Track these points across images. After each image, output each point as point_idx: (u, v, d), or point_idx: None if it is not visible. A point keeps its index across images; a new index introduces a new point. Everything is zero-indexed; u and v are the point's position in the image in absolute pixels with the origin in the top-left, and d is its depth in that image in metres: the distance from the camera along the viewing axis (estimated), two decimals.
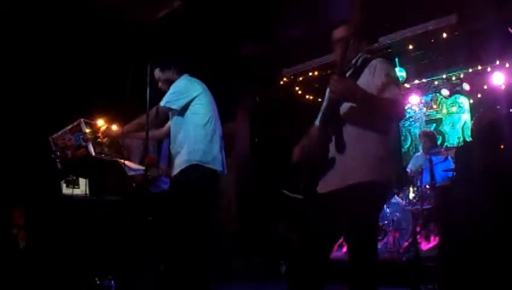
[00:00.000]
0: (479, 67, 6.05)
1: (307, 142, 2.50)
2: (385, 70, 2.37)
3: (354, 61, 2.51)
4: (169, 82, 3.48)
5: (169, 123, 3.53)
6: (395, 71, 2.47)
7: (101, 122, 3.71)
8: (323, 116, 2.49)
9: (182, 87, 3.38)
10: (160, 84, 3.54)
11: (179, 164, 3.31)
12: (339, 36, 2.49)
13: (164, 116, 3.44)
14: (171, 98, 3.33)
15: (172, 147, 3.42)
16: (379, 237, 5.05)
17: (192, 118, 3.34)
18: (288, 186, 2.51)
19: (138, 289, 3.86)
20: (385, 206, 5.34)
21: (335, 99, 2.34)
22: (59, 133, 3.71)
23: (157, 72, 3.53)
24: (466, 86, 6.23)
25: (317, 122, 2.70)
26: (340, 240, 5.28)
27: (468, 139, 6.28)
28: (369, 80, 2.36)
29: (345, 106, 2.37)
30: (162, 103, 3.35)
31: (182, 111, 3.35)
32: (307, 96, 7.31)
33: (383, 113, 2.32)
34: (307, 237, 2.45)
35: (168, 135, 3.58)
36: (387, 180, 2.37)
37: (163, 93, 3.48)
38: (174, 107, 3.33)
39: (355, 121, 2.35)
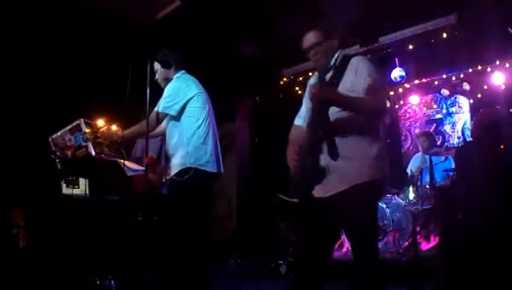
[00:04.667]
0: (479, 67, 6.04)
1: (296, 147, 2.50)
2: (366, 70, 2.39)
3: (333, 61, 2.51)
4: (167, 79, 3.50)
5: (164, 124, 3.55)
6: (375, 69, 2.45)
7: (101, 122, 3.71)
8: (312, 120, 2.48)
9: (177, 90, 3.38)
10: (157, 76, 3.54)
11: (174, 166, 3.34)
12: (309, 44, 2.51)
13: (163, 119, 3.47)
14: (167, 104, 3.35)
15: (167, 149, 3.43)
16: (379, 237, 5.05)
17: (186, 121, 3.37)
18: (285, 189, 2.52)
19: (138, 289, 3.85)
20: (385, 206, 5.35)
21: (316, 106, 2.36)
22: (59, 133, 3.72)
23: (156, 65, 3.53)
24: (466, 86, 6.23)
25: (297, 123, 2.72)
26: (340, 240, 5.31)
27: (468, 139, 6.27)
28: (352, 80, 2.39)
29: (335, 109, 2.39)
30: (160, 109, 3.37)
31: (178, 114, 3.38)
32: None
33: (363, 113, 2.36)
34: (307, 240, 2.48)
35: (163, 133, 3.60)
36: (384, 177, 2.45)
37: (162, 90, 3.50)
38: (171, 113, 3.35)
39: (349, 124, 2.37)
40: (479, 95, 6.21)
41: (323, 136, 2.37)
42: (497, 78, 5.82)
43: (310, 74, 6.85)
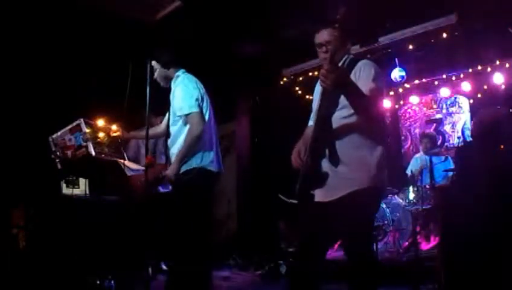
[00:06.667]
0: (479, 67, 6.04)
1: (302, 147, 2.50)
2: (369, 73, 2.38)
3: (340, 63, 2.51)
4: (166, 78, 3.47)
5: (165, 122, 3.54)
6: (379, 74, 2.44)
7: (101, 122, 3.71)
8: (316, 123, 2.46)
9: (189, 89, 3.35)
10: (155, 75, 3.47)
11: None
12: (323, 40, 2.49)
13: (197, 118, 3.29)
14: (190, 102, 3.28)
15: (173, 148, 3.40)
16: (379, 237, 5.06)
17: None
18: (285, 190, 2.52)
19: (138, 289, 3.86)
20: (385, 206, 5.35)
21: (328, 89, 2.28)
22: (59, 133, 3.72)
23: (155, 64, 3.49)
24: (466, 86, 6.23)
25: (311, 123, 2.71)
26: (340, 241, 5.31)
27: (468, 139, 6.27)
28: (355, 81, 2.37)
29: (338, 114, 2.38)
30: (186, 111, 3.26)
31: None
32: (307, 96, 7.30)
33: (363, 112, 2.34)
34: (303, 240, 2.50)
35: (164, 133, 3.57)
36: (384, 185, 2.49)
37: (162, 90, 3.50)
38: (198, 110, 3.27)
39: (351, 130, 2.37)
40: (479, 95, 6.21)
41: (326, 141, 2.36)
42: (497, 78, 5.82)
43: (310, 73, 6.86)
